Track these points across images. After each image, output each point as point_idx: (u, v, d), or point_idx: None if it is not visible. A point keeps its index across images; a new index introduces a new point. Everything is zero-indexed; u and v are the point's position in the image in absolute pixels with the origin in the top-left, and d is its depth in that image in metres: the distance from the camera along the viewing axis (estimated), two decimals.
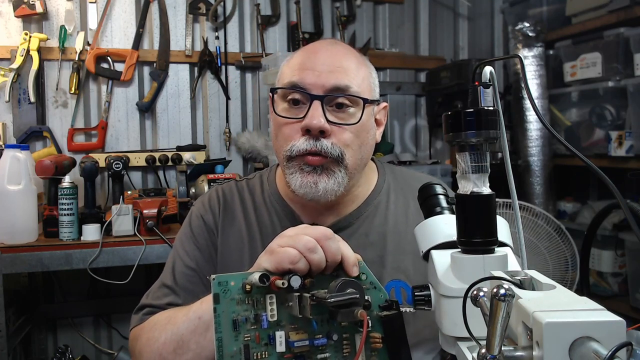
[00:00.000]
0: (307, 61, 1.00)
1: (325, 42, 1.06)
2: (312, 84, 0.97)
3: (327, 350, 0.75)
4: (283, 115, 1.00)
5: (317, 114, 0.95)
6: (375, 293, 0.76)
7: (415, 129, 3.01)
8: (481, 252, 0.62)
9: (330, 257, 0.74)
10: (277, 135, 1.02)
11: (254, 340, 0.72)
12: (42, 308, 2.42)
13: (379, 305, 0.76)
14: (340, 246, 0.76)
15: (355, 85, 0.98)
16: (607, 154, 2.32)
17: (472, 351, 0.59)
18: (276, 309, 0.73)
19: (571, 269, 2.16)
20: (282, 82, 1.02)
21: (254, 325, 0.72)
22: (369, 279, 0.77)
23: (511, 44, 2.71)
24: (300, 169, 0.97)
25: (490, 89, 0.64)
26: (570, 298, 0.51)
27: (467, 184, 0.63)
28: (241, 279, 0.72)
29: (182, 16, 2.59)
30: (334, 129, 0.97)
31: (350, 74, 0.99)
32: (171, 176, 2.56)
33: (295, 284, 0.71)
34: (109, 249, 1.92)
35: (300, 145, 0.96)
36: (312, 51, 1.02)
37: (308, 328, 0.74)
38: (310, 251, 0.73)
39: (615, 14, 2.33)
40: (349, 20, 2.84)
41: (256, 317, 0.72)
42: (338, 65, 0.99)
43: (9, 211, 1.88)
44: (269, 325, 0.72)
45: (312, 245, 0.74)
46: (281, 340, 0.73)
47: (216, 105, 2.65)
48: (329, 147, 0.96)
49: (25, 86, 2.32)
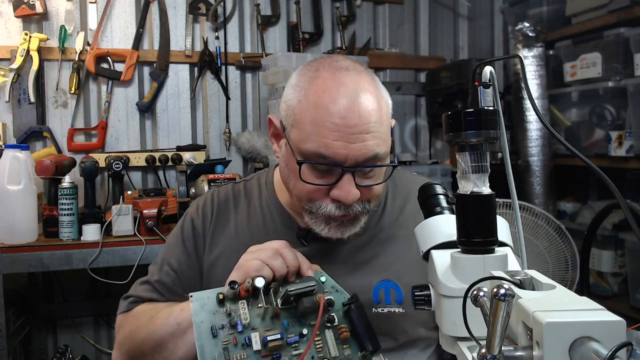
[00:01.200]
0: (333, 127, 0.90)
1: (349, 93, 0.92)
2: (344, 158, 0.90)
3: (300, 346, 0.84)
4: (311, 182, 0.94)
5: (351, 187, 0.91)
6: (337, 295, 0.88)
7: (415, 129, 3.01)
8: (481, 252, 0.62)
9: (289, 263, 0.87)
10: (299, 191, 0.97)
11: (232, 344, 0.82)
12: (42, 308, 2.42)
13: (342, 304, 0.87)
14: (297, 254, 0.89)
15: (382, 148, 0.93)
16: (607, 154, 2.32)
17: (472, 351, 0.59)
18: (248, 314, 0.83)
19: (571, 269, 2.16)
20: (306, 143, 0.92)
21: (231, 330, 0.82)
22: (329, 283, 0.89)
23: (511, 44, 2.71)
24: (326, 222, 0.97)
25: (490, 89, 0.64)
26: (570, 298, 0.51)
27: (467, 184, 0.63)
28: (215, 293, 0.85)
29: (182, 16, 2.59)
30: (363, 191, 0.94)
31: (378, 137, 0.92)
32: (171, 176, 2.56)
33: (259, 283, 0.82)
34: (109, 249, 1.92)
35: (330, 210, 0.94)
36: (337, 112, 0.90)
37: (280, 328, 0.84)
38: (271, 258, 0.86)
39: (615, 14, 2.33)
40: (349, 20, 2.84)
41: (232, 324, 0.83)
42: (367, 131, 0.91)
43: (9, 211, 1.88)
44: (244, 328, 0.82)
45: (272, 253, 0.87)
46: (256, 340, 0.82)
47: (216, 105, 2.65)
48: (359, 209, 0.95)
49: (25, 86, 2.33)
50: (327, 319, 0.85)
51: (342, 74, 0.94)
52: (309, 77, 0.96)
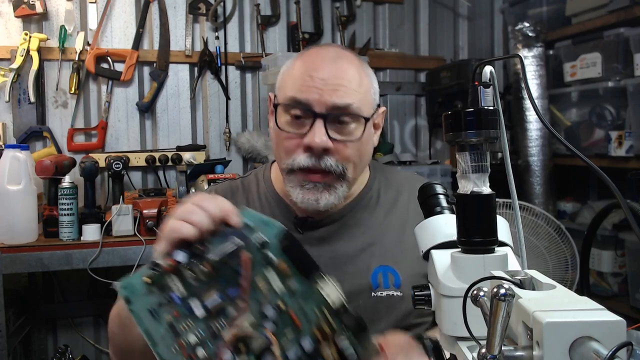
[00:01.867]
0: (308, 77, 0.99)
1: (328, 54, 1.04)
2: (315, 102, 0.97)
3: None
4: (285, 129, 1.01)
5: (320, 132, 0.97)
6: (268, 229, 0.78)
7: (415, 129, 3.01)
8: (481, 252, 0.62)
9: (212, 212, 0.76)
10: (278, 146, 1.04)
11: (175, 318, 0.76)
12: (42, 308, 2.42)
13: (278, 239, 0.77)
14: (219, 202, 0.78)
15: (357, 101, 1.00)
16: (607, 154, 2.32)
17: (472, 351, 0.59)
18: (181, 285, 0.76)
19: (571, 269, 2.16)
20: (284, 94, 1.03)
21: (169, 306, 0.76)
22: (256, 218, 0.79)
23: (511, 44, 2.71)
24: (301, 186, 1.00)
25: (490, 88, 0.64)
26: (570, 298, 0.51)
27: (467, 183, 0.63)
28: (140, 276, 0.78)
29: (182, 16, 2.59)
30: (337, 146, 0.99)
31: (352, 91, 1.00)
32: (171, 176, 2.56)
33: (180, 257, 0.75)
34: (109, 249, 1.92)
35: (302, 161, 0.98)
36: (314, 66, 1.01)
37: (218, 285, 0.76)
38: (190, 213, 0.76)
39: (615, 14, 2.33)
40: (349, 20, 2.84)
41: (168, 299, 0.76)
42: (340, 83, 0.99)
43: (9, 211, 1.88)
44: (182, 300, 0.76)
45: (189, 209, 0.77)
46: (197, 306, 0.76)
47: (216, 105, 2.65)
48: (332, 165, 0.98)
49: (25, 86, 2.33)
50: (264, 259, 0.77)
51: (324, 47, 1.07)
52: (299, 55, 1.08)
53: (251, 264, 0.76)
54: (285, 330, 0.75)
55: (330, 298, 0.75)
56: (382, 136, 2.84)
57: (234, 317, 0.76)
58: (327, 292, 0.76)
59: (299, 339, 0.75)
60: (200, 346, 0.75)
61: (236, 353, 0.74)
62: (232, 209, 0.77)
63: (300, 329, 0.75)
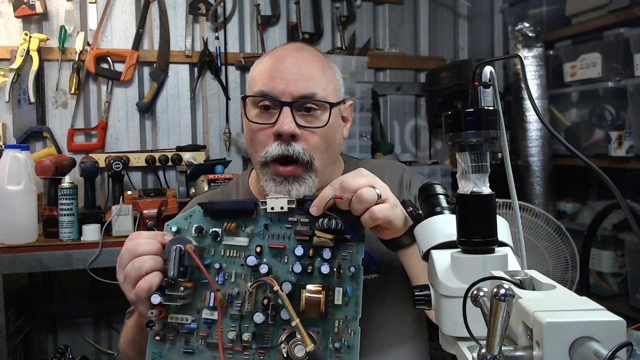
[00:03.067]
0: (274, 69, 1.05)
1: (292, 48, 1.11)
2: (281, 92, 1.03)
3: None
4: (255, 121, 1.06)
5: (288, 119, 1.02)
6: (194, 218, 0.87)
7: (415, 129, 3.01)
8: (481, 252, 0.62)
9: (151, 251, 0.84)
10: (251, 140, 1.09)
11: (204, 338, 0.84)
12: (42, 308, 2.42)
13: (203, 216, 0.88)
14: (145, 239, 0.85)
15: (321, 90, 1.05)
16: (607, 154, 2.32)
17: (472, 351, 0.59)
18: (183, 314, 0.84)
19: (571, 269, 2.16)
20: (253, 89, 1.08)
21: (192, 334, 0.84)
22: (179, 220, 0.88)
23: (511, 44, 2.71)
24: (273, 179, 1.05)
25: (490, 89, 0.64)
26: (570, 298, 0.51)
27: (467, 184, 0.63)
28: (151, 341, 0.85)
29: (182, 16, 2.59)
30: (304, 133, 1.04)
31: (316, 80, 1.05)
32: (171, 176, 2.56)
33: (156, 300, 0.81)
34: (109, 249, 1.92)
35: (273, 150, 1.03)
36: (279, 59, 1.07)
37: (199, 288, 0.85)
38: (139, 268, 0.82)
39: (615, 14, 2.33)
40: (349, 21, 2.84)
41: (187, 332, 0.84)
42: (304, 73, 1.05)
43: (9, 211, 1.88)
44: (196, 322, 0.84)
45: (136, 265, 0.83)
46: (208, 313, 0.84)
47: (216, 105, 2.66)
48: (300, 152, 1.03)
49: (25, 86, 2.33)
50: (213, 237, 0.87)
51: (288, 44, 1.14)
52: (267, 53, 1.14)
53: (196, 250, 0.83)
54: (277, 261, 0.85)
55: (277, 207, 0.85)
56: (382, 136, 2.84)
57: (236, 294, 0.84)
58: (272, 205, 0.85)
59: (294, 253, 0.84)
60: (242, 333, 0.83)
61: (263, 311, 0.82)
62: (159, 234, 0.86)
63: (285, 248, 0.85)
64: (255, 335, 0.83)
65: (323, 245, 0.83)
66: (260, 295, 0.83)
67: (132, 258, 0.83)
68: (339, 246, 0.84)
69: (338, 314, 0.82)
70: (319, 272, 0.82)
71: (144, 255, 0.83)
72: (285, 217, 0.85)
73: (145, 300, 0.82)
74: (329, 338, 0.82)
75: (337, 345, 0.81)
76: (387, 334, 1.09)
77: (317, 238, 0.83)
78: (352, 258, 0.84)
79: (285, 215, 0.85)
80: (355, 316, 0.82)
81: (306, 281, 0.83)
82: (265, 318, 0.81)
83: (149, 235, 0.86)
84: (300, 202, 0.85)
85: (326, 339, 0.81)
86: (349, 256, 0.84)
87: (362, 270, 0.83)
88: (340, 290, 0.82)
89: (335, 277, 0.83)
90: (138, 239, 0.85)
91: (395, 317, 1.10)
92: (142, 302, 0.83)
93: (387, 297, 1.09)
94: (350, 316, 0.82)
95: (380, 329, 1.08)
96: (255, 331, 0.83)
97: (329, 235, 0.82)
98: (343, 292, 0.82)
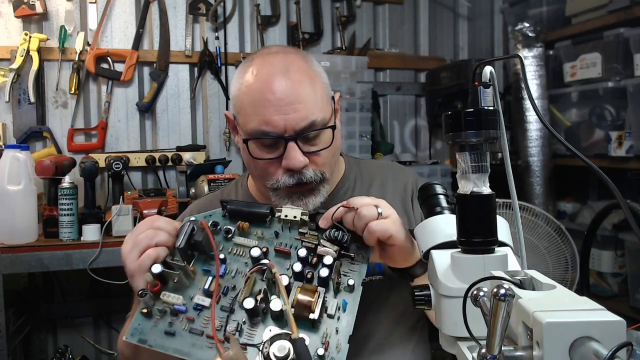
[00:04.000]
0: (267, 103, 0.99)
1: (278, 69, 1.02)
2: (283, 129, 0.99)
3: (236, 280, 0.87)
4: (261, 157, 1.03)
5: (296, 154, 1.00)
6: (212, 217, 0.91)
7: (415, 129, 3.01)
8: (481, 252, 0.62)
9: (168, 229, 0.88)
10: (257, 171, 1.07)
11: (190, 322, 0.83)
12: (42, 308, 2.42)
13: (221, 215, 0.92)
14: (164, 219, 0.90)
15: (318, 114, 1.02)
16: (607, 154, 2.32)
17: (472, 351, 0.59)
18: (175, 294, 0.84)
19: (571, 269, 2.16)
20: (247, 124, 1.02)
21: (180, 318, 0.83)
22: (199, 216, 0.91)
23: (511, 44, 2.71)
24: (289, 197, 1.05)
25: (490, 89, 0.64)
26: (570, 298, 0.51)
27: (467, 184, 0.63)
28: (139, 315, 0.84)
29: (182, 16, 2.59)
30: (312, 158, 1.03)
31: (311, 104, 1.01)
32: (171, 176, 2.55)
33: (156, 269, 0.82)
34: (109, 249, 1.92)
35: (285, 181, 1.02)
36: (269, 87, 1.00)
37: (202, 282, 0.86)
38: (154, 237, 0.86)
39: (615, 14, 2.33)
40: (349, 21, 2.84)
41: (174, 314, 0.83)
42: (298, 100, 1.00)
43: (9, 211, 1.88)
44: (185, 306, 0.83)
45: (151, 234, 0.87)
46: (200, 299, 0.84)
47: (216, 105, 2.65)
48: (312, 176, 1.03)
49: (25, 86, 2.32)
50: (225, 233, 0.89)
51: (271, 57, 1.05)
52: (245, 67, 1.06)
53: (209, 227, 0.86)
54: (280, 263, 0.87)
55: (291, 216, 0.88)
56: (382, 136, 2.84)
57: (232, 288, 0.85)
58: (286, 214, 0.88)
59: (296, 254, 0.86)
60: (229, 323, 0.82)
61: (262, 303, 0.81)
62: (176, 222, 0.91)
63: (289, 253, 0.87)
64: (240, 329, 0.81)
65: (326, 254, 0.85)
66: (256, 287, 0.84)
67: (148, 229, 0.88)
68: (342, 262, 0.86)
69: (329, 325, 0.81)
70: (318, 276, 0.83)
71: (159, 230, 0.88)
72: (296, 228, 0.88)
73: (146, 271, 0.84)
74: (316, 348, 0.79)
75: (321, 353, 0.79)
76: (388, 334, 1.09)
77: (321, 247, 0.85)
78: (353, 276, 0.85)
79: (296, 225, 0.88)
80: (347, 332, 0.81)
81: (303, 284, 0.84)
82: (255, 306, 0.80)
83: (167, 220, 0.91)
84: (313, 216, 0.88)
85: (313, 348, 0.79)
86: (350, 274, 0.85)
87: (360, 289, 0.84)
88: (336, 302, 0.83)
89: (333, 287, 0.84)
90: (157, 218, 0.90)
91: (396, 318, 1.10)
92: (142, 273, 0.85)
93: (389, 298, 1.09)
94: (341, 331, 0.81)
95: (381, 329, 1.08)
96: (241, 325, 0.82)
97: (334, 247, 0.85)
98: (337, 306, 0.83)
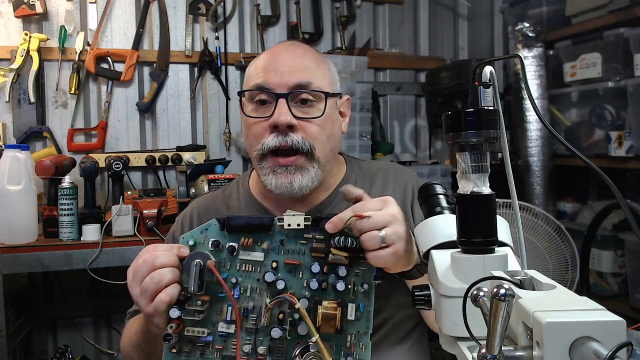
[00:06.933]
0: (269, 63, 1.06)
1: (286, 44, 1.14)
2: (277, 84, 1.03)
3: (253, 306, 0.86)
4: (252, 115, 1.06)
5: (284, 110, 1.01)
6: (210, 232, 0.87)
7: (415, 129, 3.01)
8: (481, 252, 0.62)
9: (168, 263, 0.83)
10: (248, 135, 1.08)
11: (220, 350, 0.85)
12: (42, 308, 2.42)
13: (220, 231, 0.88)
14: (162, 251, 0.84)
15: (316, 80, 1.05)
16: (607, 154, 2.32)
17: (472, 351, 0.59)
18: (199, 328, 0.84)
19: (571, 269, 2.16)
20: (249, 84, 1.08)
21: (207, 347, 0.84)
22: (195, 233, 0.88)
23: (511, 44, 2.71)
24: (273, 171, 1.03)
25: (490, 89, 0.64)
26: (570, 298, 0.51)
27: (467, 183, 0.63)
28: (166, 356, 0.84)
29: (182, 16, 2.59)
30: (301, 124, 1.03)
31: (311, 71, 1.06)
32: (171, 176, 2.55)
33: (175, 313, 0.82)
34: (109, 249, 1.92)
35: (270, 142, 1.02)
36: (274, 53, 1.08)
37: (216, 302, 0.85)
38: (159, 281, 0.81)
39: (615, 14, 2.33)
40: (349, 21, 2.84)
41: (200, 345, 0.84)
42: (298, 65, 1.05)
43: (9, 211, 1.88)
44: (212, 335, 0.84)
45: (155, 278, 0.82)
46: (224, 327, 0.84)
47: (216, 105, 2.65)
48: (299, 142, 1.02)
49: (25, 86, 2.32)
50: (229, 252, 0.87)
51: (284, 41, 1.20)
52: (262, 53, 1.14)
53: (215, 264, 0.84)
54: (292, 276, 0.85)
55: (294, 224, 0.85)
56: (382, 136, 2.84)
57: (251, 308, 0.85)
58: (289, 222, 0.85)
59: (309, 269, 0.84)
60: (257, 347, 0.84)
61: (281, 326, 0.83)
62: (175, 247, 0.85)
63: (300, 264, 0.85)
64: (270, 349, 0.84)
65: (338, 263, 0.84)
66: (275, 310, 0.84)
67: (151, 271, 0.82)
68: (353, 263, 0.85)
69: (351, 329, 0.84)
70: (333, 287, 0.84)
71: (163, 268, 0.82)
72: (301, 234, 0.87)
73: (163, 313, 0.81)
74: (342, 352, 0.84)
75: (349, 359, 0.84)
76: (388, 334, 1.09)
77: (332, 255, 0.84)
78: (364, 275, 0.85)
79: (300, 232, 0.86)
80: (367, 331, 0.84)
81: (320, 297, 0.84)
82: (283, 333, 0.83)
83: (165, 248, 0.85)
84: (316, 220, 0.86)
85: (339, 353, 0.84)
86: (361, 273, 0.85)
87: (374, 287, 0.85)
88: (354, 307, 0.84)
89: (349, 295, 0.84)
90: (155, 251, 0.84)
91: (396, 318, 1.11)
92: (159, 315, 0.82)
93: (389, 299, 1.09)
94: (362, 331, 0.84)
95: (381, 329, 1.08)
96: (271, 344, 0.84)
97: (344, 253, 0.83)
98: (356, 308, 0.84)
